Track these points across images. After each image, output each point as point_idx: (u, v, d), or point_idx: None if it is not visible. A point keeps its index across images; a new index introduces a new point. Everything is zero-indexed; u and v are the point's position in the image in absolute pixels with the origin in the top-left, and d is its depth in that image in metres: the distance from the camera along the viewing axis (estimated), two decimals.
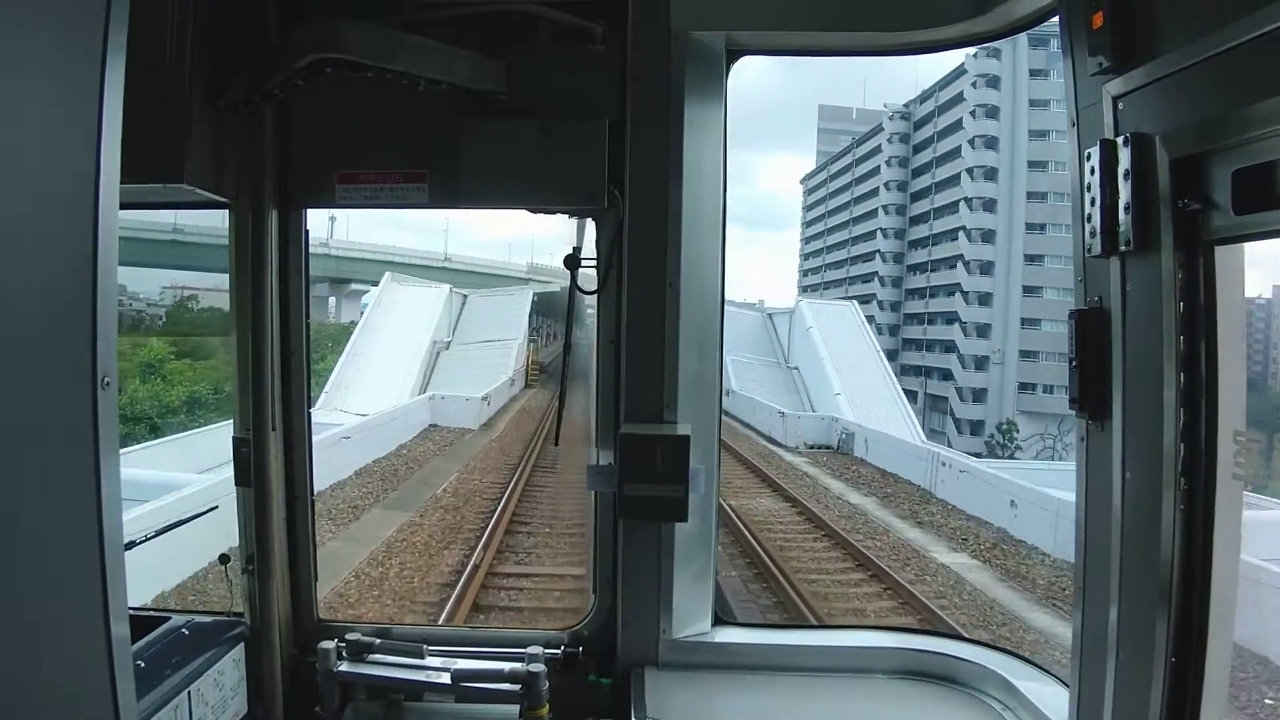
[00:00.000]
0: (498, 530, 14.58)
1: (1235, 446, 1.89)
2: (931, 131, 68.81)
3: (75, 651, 1.37)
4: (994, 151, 61.46)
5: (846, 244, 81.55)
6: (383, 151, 3.12)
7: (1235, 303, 1.91)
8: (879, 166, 75.67)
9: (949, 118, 66.05)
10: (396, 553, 13.86)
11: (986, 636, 11.30)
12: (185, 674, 2.77)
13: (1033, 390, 55.25)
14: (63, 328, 1.32)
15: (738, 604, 12.03)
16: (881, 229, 74.00)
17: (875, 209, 75.56)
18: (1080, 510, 2.28)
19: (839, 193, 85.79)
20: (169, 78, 2.64)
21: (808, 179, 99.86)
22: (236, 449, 3.14)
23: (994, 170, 61.60)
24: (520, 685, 2.99)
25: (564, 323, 3.44)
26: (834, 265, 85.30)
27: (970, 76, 61.70)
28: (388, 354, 30.81)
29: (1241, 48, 1.62)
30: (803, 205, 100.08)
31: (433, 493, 17.99)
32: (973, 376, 58.71)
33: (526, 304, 41.14)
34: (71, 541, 1.34)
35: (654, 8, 2.98)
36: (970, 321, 61.21)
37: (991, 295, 61.14)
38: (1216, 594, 1.91)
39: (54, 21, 1.28)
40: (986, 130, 61.72)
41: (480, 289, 44.59)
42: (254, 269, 3.05)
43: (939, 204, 66.61)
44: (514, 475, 19.18)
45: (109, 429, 1.37)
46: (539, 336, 49.62)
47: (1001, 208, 61.34)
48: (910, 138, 73.26)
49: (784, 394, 35.47)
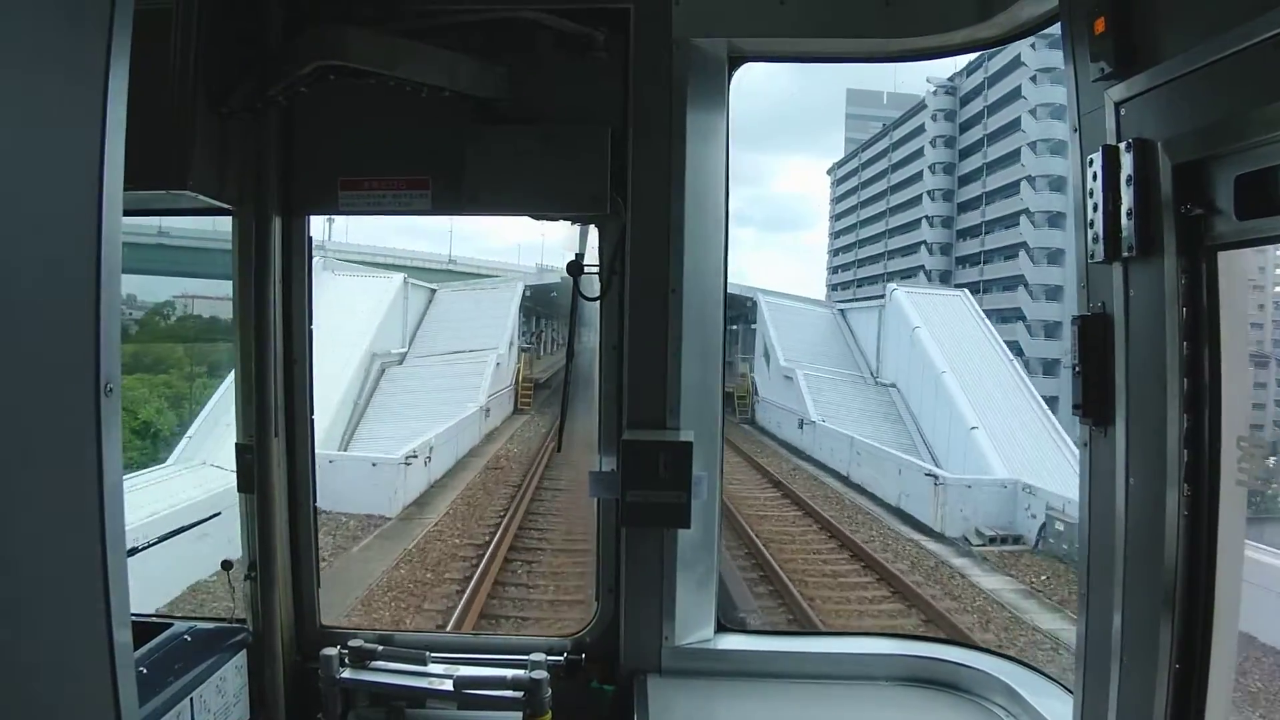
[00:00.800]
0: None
1: (1239, 452, 1.89)
2: (981, 105, 62.33)
3: (77, 658, 1.37)
4: (1061, 122, 47.83)
5: (883, 236, 76.37)
6: (385, 158, 3.13)
7: (1238, 308, 1.91)
8: (922, 148, 69.82)
9: (1003, 87, 57.98)
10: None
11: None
12: (187, 680, 2.77)
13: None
14: (66, 334, 1.33)
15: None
16: (927, 217, 68.15)
17: (919, 195, 69.79)
18: (1084, 516, 2.28)
19: (873, 181, 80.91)
20: (173, 84, 2.65)
21: (836, 169, 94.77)
22: (239, 455, 3.16)
23: (1062, 144, 49.24)
24: (523, 692, 2.98)
25: (566, 325, 3.44)
26: (869, 260, 79.99)
27: (1028, 38, 54.71)
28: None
29: (1243, 53, 1.62)
30: (831, 198, 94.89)
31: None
32: (1041, 383, 48.62)
33: (514, 301, 31.91)
34: (74, 548, 1.34)
35: (656, 15, 2.99)
36: (1036, 320, 52.45)
37: (1061, 289, 51.57)
38: (1220, 600, 1.90)
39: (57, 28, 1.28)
40: (1051, 97, 51.10)
41: (461, 285, 35.69)
42: (257, 275, 3.06)
43: (993, 186, 60.10)
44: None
45: (112, 435, 1.37)
46: (535, 344, 43.13)
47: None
48: (956, 114, 66.73)
49: (881, 424, 26.41)
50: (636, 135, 3.04)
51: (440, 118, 3.04)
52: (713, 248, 3.18)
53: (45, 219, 1.28)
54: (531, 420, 28.42)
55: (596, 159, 3.00)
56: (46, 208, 1.28)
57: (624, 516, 3.05)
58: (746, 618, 11.66)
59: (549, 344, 45.21)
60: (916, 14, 2.93)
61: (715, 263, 3.20)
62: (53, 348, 1.32)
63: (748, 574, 13.92)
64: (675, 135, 3.04)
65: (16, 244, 1.22)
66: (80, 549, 1.35)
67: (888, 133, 79.25)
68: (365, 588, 12.34)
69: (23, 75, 1.22)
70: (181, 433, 17.52)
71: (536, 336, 45.20)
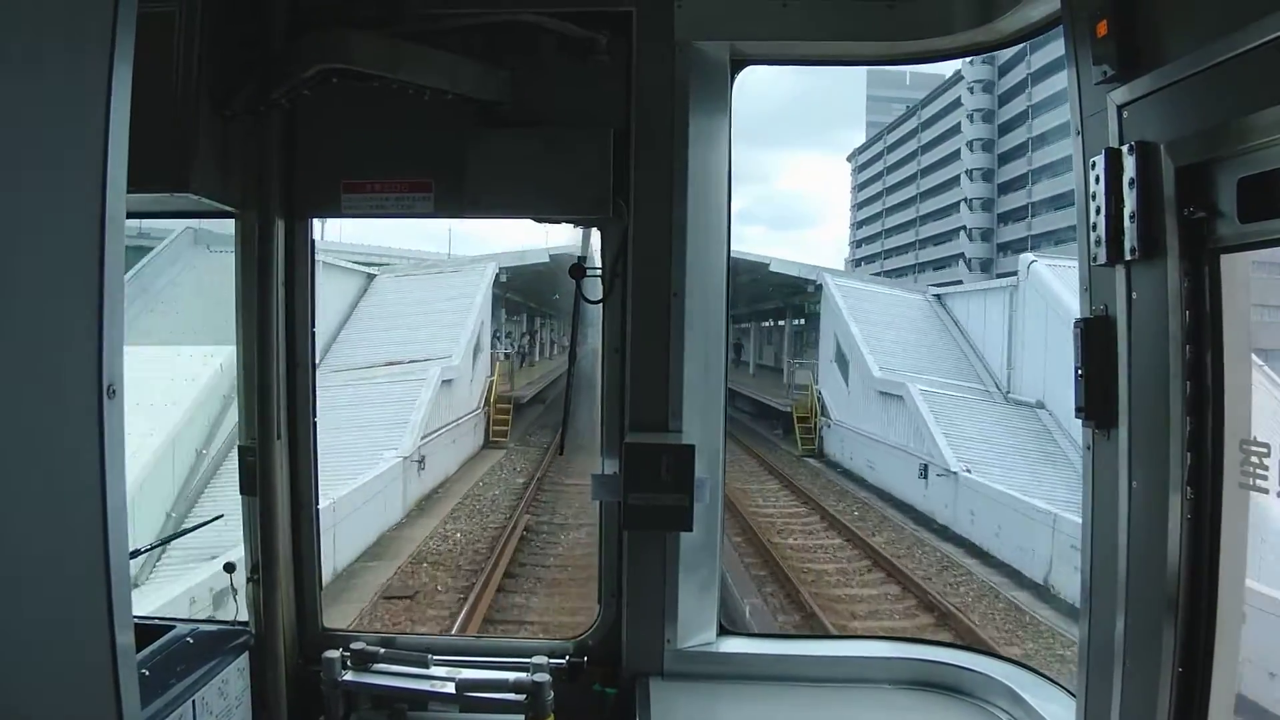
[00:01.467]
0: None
1: (1242, 455, 1.88)
2: (1025, 73, 57.66)
3: (80, 660, 1.37)
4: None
5: (914, 224, 72.13)
6: (388, 161, 3.14)
7: (1241, 311, 1.90)
8: (958, 124, 64.86)
9: (1049, 53, 50.39)
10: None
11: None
12: (190, 683, 2.77)
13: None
14: (69, 337, 1.33)
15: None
16: (965, 200, 63.14)
17: (955, 176, 64.90)
18: (1086, 520, 2.27)
19: (900, 165, 76.63)
20: (176, 87, 2.66)
21: (857, 155, 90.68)
22: (242, 458, 3.16)
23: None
24: (525, 695, 2.98)
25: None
26: (896, 251, 75.20)
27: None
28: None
29: (1246, 55, 1.62)
30: (852, 186, 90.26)
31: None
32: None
33: (481, 289, 24.22)
34: (77, 550, 1.35)
35: (659, 18, 2.99)
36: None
37: None
38: (1224, 604, 1.90)
39: (60, 31, 1.29)
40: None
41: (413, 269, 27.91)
42: (260, 278, 3.07)
43: (1039, 164, 55.97)
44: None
45: (115, 438, 1.37)
46: (524, 344, 34.55)
47: None
48: (995, 86, 62.08)
49: (1041, 470, 18.09)
50: (639, 138, 3.05)
51: (443, 120, 3.05)
52: (715, 250, 3.19)
53: (48, 221, 1.28)
54: (507, 461, 20.25)
55: (599, 162, 3.00)
56: (49, 210, 1.29)
57: (626, 520, 3.04)
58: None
59: (547, 346, 37.06)
60: (919, 17, 2.93)
61: (718, 265, 3.20)
62: (56, 350, 1.32)
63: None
64: (677, 138, 3.04)
65: (20, 246, 1.22)
66: (83, 551, 1.35)
67: (915, 112, 74.86)
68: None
69: (26, 78, 1.22)
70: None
71: (531, 337, 36.41)
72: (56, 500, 1.32)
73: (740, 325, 49.35)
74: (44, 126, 1.27)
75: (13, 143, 1.21)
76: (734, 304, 3.47)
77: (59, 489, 1.33)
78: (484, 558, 13.97)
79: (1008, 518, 14.94)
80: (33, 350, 1.26)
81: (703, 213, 3.12)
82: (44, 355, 1.29)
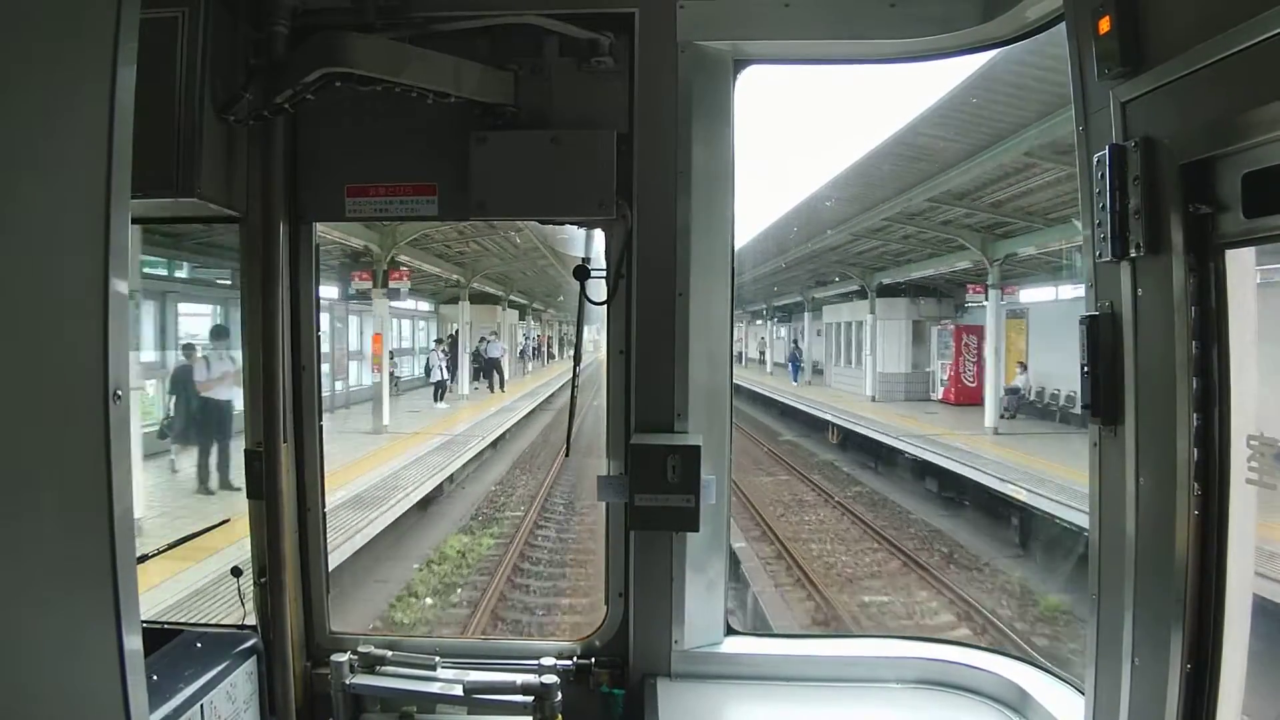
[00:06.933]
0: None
1: (1249, 451, 1.88)
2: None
3: (88, 664, 1.37)
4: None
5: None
6: (392, 164, 3.14)
7: (1247, 306, 1.90)
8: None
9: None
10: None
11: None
12: (198, 686, 2.77)
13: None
14: (74, 341, 1.34)
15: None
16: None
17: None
18: (1094, 516, 2.27)
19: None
20: (179, 92, 2.67)
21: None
22: (248, 461, 3.16)
23: None
24: (533, 697, 2.98)
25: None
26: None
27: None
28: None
29: (1250, 50, 1.62)
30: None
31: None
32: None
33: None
34: (84, 554, 1.35)
35: (661, 19, 3.00)
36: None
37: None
38: (1231, 599, 1.89)
39: (64, 35, 1.29)
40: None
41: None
42: (265, 282, 3.07)
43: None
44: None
45: (121, 442, 1.37)
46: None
47: None
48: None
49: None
50: (642, 139, 3.05)
51: (446, 124, 3.05)
52: (720, 251, 3.19)
53: (53, 226, 1.29)
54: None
55: (603, 163, 3.00)
56: (54, 215, 1.29)
57: (633, 520, 3.04)
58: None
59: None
60: (921, 15, 2.93)
61: (722, 265, 3.20)
62: (61, 355, 1.32)
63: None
64: (681, 138, 3.05)
65: (25, 251, 1.23)
66: (90, 555, 1.36)
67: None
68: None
69: (30, 84, 1.23)
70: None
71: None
72: (64, 504, 1.33)
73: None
74: (48, 131, 1.28)
75: (17, 147, 1.21)
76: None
77: (66, 493, 1.33)
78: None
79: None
80: (38, 354, 1.27)
81: (707, 212, 3.12)
82: (49, 359, 1.30)
